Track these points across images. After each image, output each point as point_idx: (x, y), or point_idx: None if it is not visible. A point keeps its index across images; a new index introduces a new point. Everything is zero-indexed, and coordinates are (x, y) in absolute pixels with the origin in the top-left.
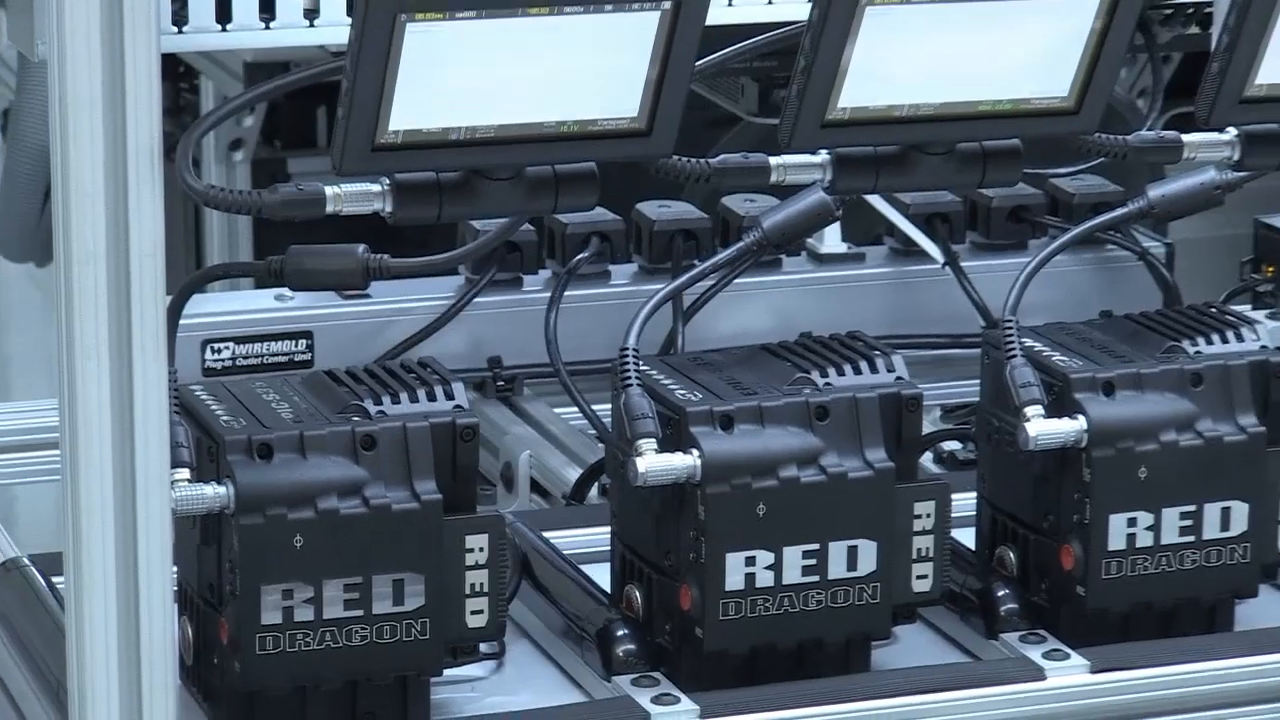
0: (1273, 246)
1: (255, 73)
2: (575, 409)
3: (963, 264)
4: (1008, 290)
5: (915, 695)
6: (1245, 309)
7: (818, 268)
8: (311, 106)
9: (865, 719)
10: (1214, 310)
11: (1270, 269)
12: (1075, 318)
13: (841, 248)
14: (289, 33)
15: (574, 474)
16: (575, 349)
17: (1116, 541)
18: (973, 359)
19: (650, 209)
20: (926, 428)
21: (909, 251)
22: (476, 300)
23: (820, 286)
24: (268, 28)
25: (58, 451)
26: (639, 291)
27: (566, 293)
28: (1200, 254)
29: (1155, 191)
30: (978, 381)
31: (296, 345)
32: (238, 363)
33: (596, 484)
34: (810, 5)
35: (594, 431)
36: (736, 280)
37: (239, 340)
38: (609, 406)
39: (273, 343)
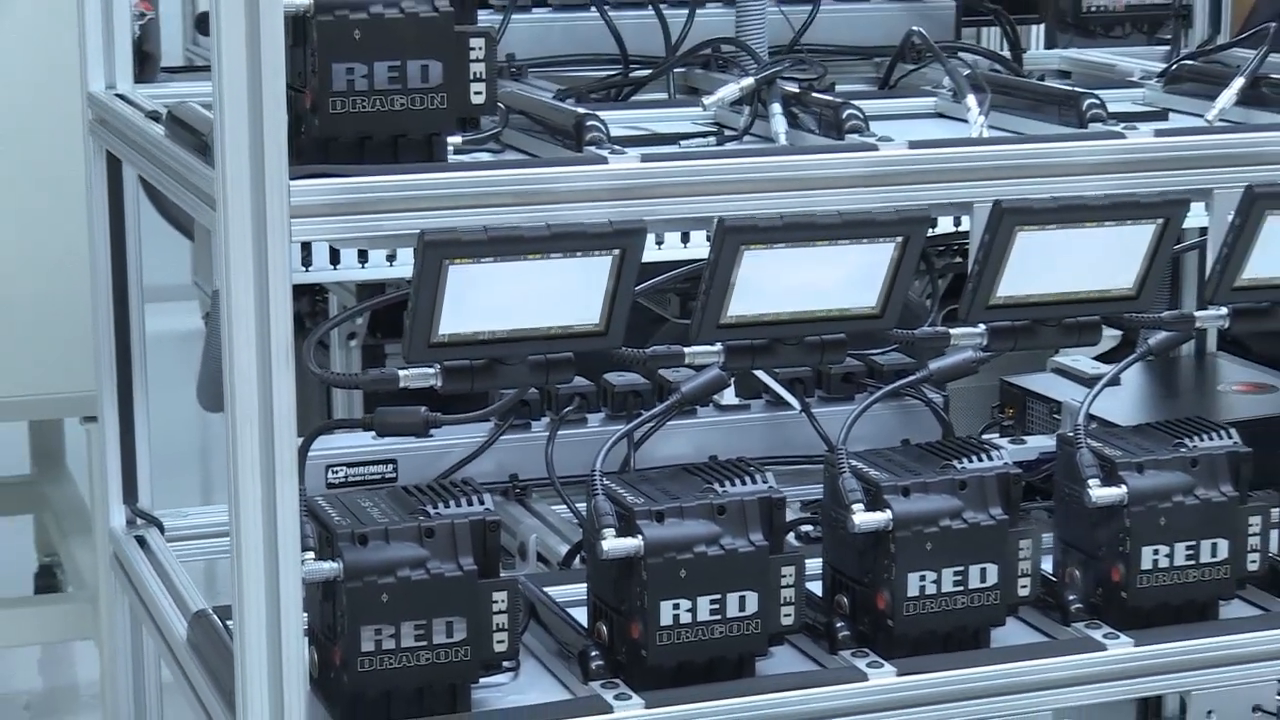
0: (1012, 396)
1: (363, 290)
2: (565, 507)
3: (812, 410)
4: (840, 428)
5: (784, 692)
6: (995, 438)
7: (719, 414)
8: (400, 309)
9: (752, 707)
10: (974, 440)
11: (1010, 411)
12: (884, 445)
13: (734, 400)
14: (376, 269)
15: (564, 549)
16: (564, 468)
17: (913, 591)
18: (819, 472)
19: (612, 377)
20: (789, 517)
21: (777, 403)
22: (500, 439)
23: (721, 427)
24: (363, 266)
25: (229, 539)
26: (605, 432)
27: (559, 432)
28: (966, 401)
29: (935, 365)
30: (822, 486)
31: (385, 469)
32: (348, 480)
33: (578, 556)
34: (709, 249)
35: (577, 522)
36: (667, 423)
37: (348, 465)
38: (586, 505)
39: (369, 467)
